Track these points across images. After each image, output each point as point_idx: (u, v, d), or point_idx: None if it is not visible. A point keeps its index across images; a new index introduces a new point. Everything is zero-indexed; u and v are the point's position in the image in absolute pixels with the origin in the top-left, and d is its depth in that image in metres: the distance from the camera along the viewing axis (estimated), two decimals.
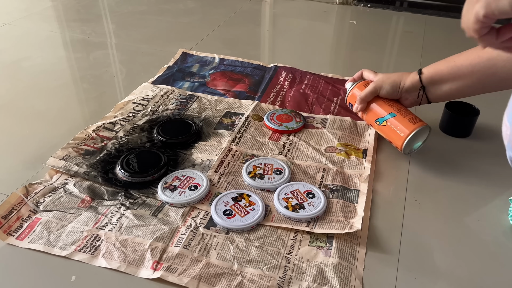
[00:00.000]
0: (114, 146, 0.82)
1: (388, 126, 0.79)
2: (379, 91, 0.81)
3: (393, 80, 0.79)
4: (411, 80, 0.78)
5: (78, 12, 1.51)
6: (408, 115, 0.79)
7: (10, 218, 0.66)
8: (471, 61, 0.71)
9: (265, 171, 0.76)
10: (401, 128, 0.78)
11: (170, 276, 0.58)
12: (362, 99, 0.82)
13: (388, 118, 0.79)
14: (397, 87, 0.79)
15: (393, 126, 0.79)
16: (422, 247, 0.65)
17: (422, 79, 0.77)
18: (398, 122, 0.78)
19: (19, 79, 1.08)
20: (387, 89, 0.80)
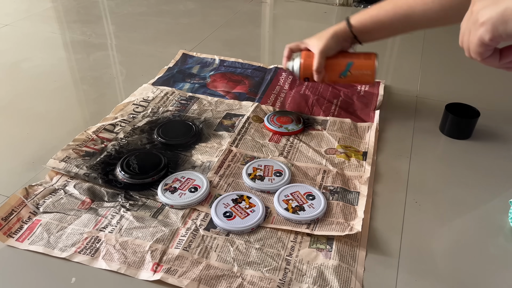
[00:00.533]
0: (114, 148, 0.82)
1: (353, 74, 0.85)
2: (327, 52, 0.84)
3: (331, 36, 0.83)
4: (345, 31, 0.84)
5: (78, 13, 1.51)
6: (360, 56, 0.86)
7: (10, 219, 0.66)
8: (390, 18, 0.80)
9: (265, 172, 0.76)
10: (365, 68, 0.85)
11: (170, 278, 0.58)
12: (318, 69, 0.85)
13: (349, 68, 0.85)
14: (337, 40, 0.84)
15: (358, 71, 0.85)
16: (422, 249, 0.65)
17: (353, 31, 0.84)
18: (359, 65, 0.85)
19: (19, 80, 1.08)
20: (332, 46, 0.84)
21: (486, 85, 1.11)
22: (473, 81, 1.12)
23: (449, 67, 1.20)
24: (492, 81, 1.13)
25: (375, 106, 0.97)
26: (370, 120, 0.93)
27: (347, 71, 0.85)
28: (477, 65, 1.26)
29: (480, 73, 1.16)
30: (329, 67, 0.86)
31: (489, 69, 1.05)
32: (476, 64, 1.26)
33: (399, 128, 0.92)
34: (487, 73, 1.17)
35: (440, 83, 1.11)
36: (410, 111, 0.98)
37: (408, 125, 0.93)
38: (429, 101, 1.02)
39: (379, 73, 1.15)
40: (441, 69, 1.19)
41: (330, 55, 0.85)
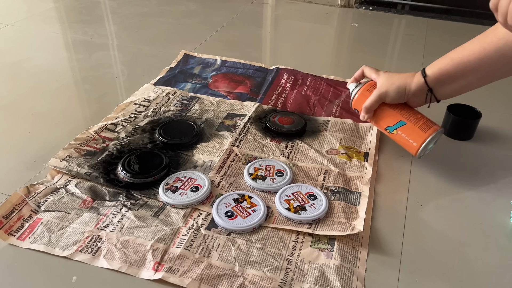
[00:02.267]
0: (115, 147, 0.82)
1: (399, 135, 0.77)
2: (384, 99, 0.76)
3: (397, 86, 0.74)
4: (416, 84, 0.73)
5: (80, 13, 1.51)
6: (418, 122, 0.75)
7: (11, 218, 0.66)
8: (478, 55, 0.67)
9: (266, 172, 0.76)
10: (413, 137, 0.75)
11: (171, 277, 0.58)
12: (367, 109, 0.78)
13: (398, 126, 0.76)
14: (403, 92, 0.75)
15: (404, 135, 0.76)
16: (424, 249, 0.65)
17: (427, 81, 0.72)
18: (409, 131, 0.75)
19: (21, 80, 1.08)
20: (392, 96, 0.75)
21: (488, 86, 1.10)
22: None
23: None
24: (494, 82, 1.12)
25: None
26: None
27: (394, 128, 0.77)
28: None
29: None
30: (381, 114, 0.78)
31: None
32: None
33: None
34: None
35: None
36: None
37: None
38: None
39: None
40: None
41: (388, 101, 0.76)
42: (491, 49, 0.65)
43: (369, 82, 0.80)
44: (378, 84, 0.77)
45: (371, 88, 0.79)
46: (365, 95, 0.79)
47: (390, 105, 0.77)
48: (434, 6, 1.62)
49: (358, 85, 0.81)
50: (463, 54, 0.69)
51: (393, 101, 0.76)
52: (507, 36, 0.62)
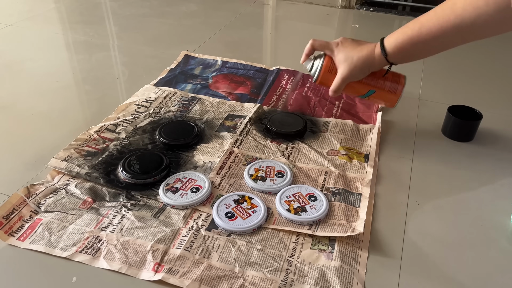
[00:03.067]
0: (116, 148, 0.82)
1: (373, 99, 0.81)
2: (349, 80, 0.76)
3: (360, 68, 0.75)
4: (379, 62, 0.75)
5: (81, 14, 1.51)
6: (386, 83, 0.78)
7: (11, 218, 0.66)
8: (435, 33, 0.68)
9: (267, 173, 0.76)
10: (386, 99, 0.79)
11: (171, 278, 0.58)
12: (335, 91, 0.77)
13: (369, 95, 0.79)
14: (367, 71, 0.76)
15: (377, 99, 0.80)
16: (424, 251, 0.65)
17: (388, 59, 0.74)
18: (380, 96, 0.79)
19: (21, 80, 1.09)
20: (357, 77, 0.76)
21: (489, 87, 1.10)
22: (476, 83, 1.12)
23: (451, 70, 1.20)
24: (495, 83, 1.13)
25: (377, 108, 0.97)
26: (372, 122, 0.93)
27: (366, 96, 0.80)
28: (480, 67, 1.26)
29: (483, 75, 1.16)
30: (349, 87, 0.79)
31: (492, 71, 1.05)
32: (478, 66, 1.26)
33: (401, 130, 0.92)
34: (490, 75, 1.17)
35: (443, 86, 1.11)
36: (413, 113, 0.98)
37: (410, 127, 0.93)
38: (431, 104, 1.02)
39: None
40: (443, 71, 1.19)
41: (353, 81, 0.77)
42: (449, 26, 0.66)
43: (326, 60, 0.78)
44: (337, 64, 0.76)
45: (332, 66, 0.77)
46: (329, 76, 0.78)
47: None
48: (434, 7, 1.62)
49: (315, 61, 0.80)
50: (421, 32, 0.69)
51: (358, 79, 0.77)
52: (464, 13, 0.63)
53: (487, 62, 1.24)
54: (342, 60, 0.76)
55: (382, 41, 0.75)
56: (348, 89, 0.79)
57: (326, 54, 0.79)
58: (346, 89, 0.79)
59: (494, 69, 1.20)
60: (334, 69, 0.77)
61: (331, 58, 0.78)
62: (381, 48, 0.74)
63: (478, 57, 1.26)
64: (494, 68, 1.21)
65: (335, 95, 0.78)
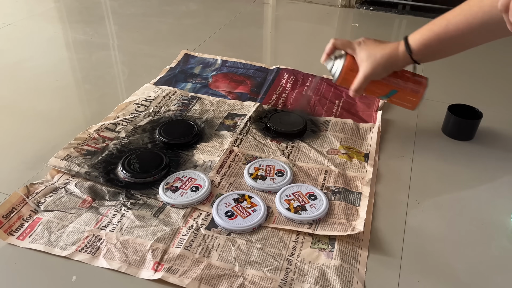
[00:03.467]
0: (115, 147, 0.82)
1: (394, 101, 0.80)
2: (371, 78, 0.75)
3: (384, 66, 0.74)
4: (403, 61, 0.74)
5: (81, 13, 1.51)
6: (407, 85, 0.77)
7: (11, 217, 0.66)
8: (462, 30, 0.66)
9: (267, 172, 0.76)
10: (407, 101, 0.78)
11: (171, 277, 0.58)
12: (357, 90, 0.76)
13: (391, 95, 0.78)
14: (390, 69, 0.75)
15: (399, 100, 0.79)
16: (424, 249, 0.64)
17: (413, 57, 0.73)
18: (402, 96, 0.78)
19: (21, 79, 1.08)
20: (380, 75, 0.75)
21: (489, 86, 1.10)
22: (476, 82, 1.12)
23: (452, 68, 1.19)
24: (495, 82, 1.12)
25: (377, 107, 0.97)
26: (372, 121, 0.93)
27: (388, 97, 0.79)
28: (480, 66, 1.25)
29: (483, 74, 1.16)
30: (370, 87, 0.77)
31: (492, 70, 1.05)
32: (479, 65, 1.26)
33: (401, 129, 0.92)
34: (490, 74, 1.17)
35: (443, 84, 1.10)
36: (413, 112, 0.97)
37: (410, 126, 0.93)
38: (431, 102, 1.01)
39: None
40: (443, 70, 1.19)
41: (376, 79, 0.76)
42: (477, 23, 0.64)
43: (348, 59, 0.77)
44: (360, 65, 0.75)
45: (354, 65, 0.76)
46: (350, 75, 0.77)
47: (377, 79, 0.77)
48: (435, 6, 1.62)
49: (336, 60, 0.78)
50: (448, 29, 0.68)
51: (381, 78, 0.76)
52: (492, 10, 0.61)
53: (488, 61, 1.24)
54: (365, 58, 0.74)
55: (406, 39, 0.73)
56: (369, 89, 0.77)
57: (348, 53, 0.77)
58: (368, 89, 0.77)
59: (494, 68, 1.20)
60: (356, 68, 0.76)
61: (353, 57, 0.77)
62: (405, 45, 0.73)
63: (478, 56, 1.26)
64: (494, 67, 1.21)
65: (357, 95, 0.77)
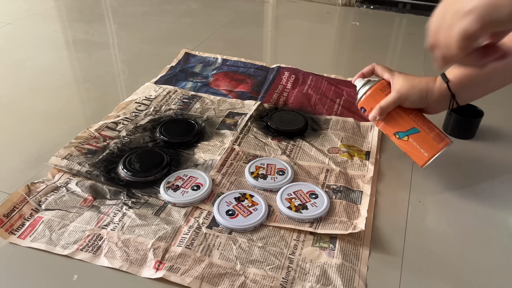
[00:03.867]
0: (116, 146, 0.82)
1: (410, 143, 0.72)
2: (403, 102, 0.71)
3: (419, 90, 0.69)
4: (439, 90, 0.69)
5: (81, 12, 1.51)
6: (432, 132, 0.71)
7: (12, 216, 0.66)
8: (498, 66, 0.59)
9: (268, 171, 0.76)
10: (425, 147, 0.71)
11: (172, 276, 0.58)
12: (382, 110, 0.71)
13: (410, 134, 0.71)
14: (424, 97, 0.70)
15: (416, 143, 0.71)
16: (426, 248, 0.64)
17: (450, 87, 0.68)
18: (422, 140, 0.71)
19: (21, 78, 1.08)
20: (413, 100, 0.70)
21: None
22: None
23: None
24: None
25: None
26: None
27: (406, 135, 0.72)
28: None
29: None
30: (391, 116, 0.72)
31: None
32: None
33: None
34: None
35: None
36: None
37: None
38: None
39: None
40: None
41: (406, 106, 0.71)
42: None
43: (381, 81, 0.74)
44: (394, 85, 0.71)
45: (385, 88, 0.73)
46: (379, 94, 0.73)
47: (405, 110, 0.72)
48: (435, 4, 1.61)
49: (368, 83, 0.76)
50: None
51: (412, 106, 0.71)
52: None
53: None
54: (401, 80, 0.71)
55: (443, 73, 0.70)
56: (391, 117, 0.72)
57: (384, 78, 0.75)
58: (391, 115, 0.72)
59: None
60: (388, 90, 0.73)
61: (387, 81, 0.74)
62: (442, 76, 0.69)
63: None
64: None
65: (380, 114, 0.72)
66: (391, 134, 0.75)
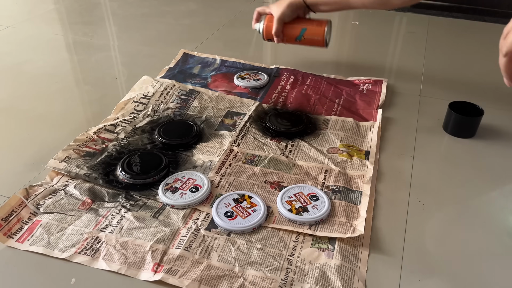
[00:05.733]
0: (115, 148, 0.81)
1: (307, 38, 1.00)
2: (284, 19, 0.98)
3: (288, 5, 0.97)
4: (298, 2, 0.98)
5: (81, 14, 1.51)
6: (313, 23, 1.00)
7: (10, 220, 0.66)
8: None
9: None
10: (316, 34, 0.99)
11: (171, 278, 0.58)
12: (276, 32, 1.00)
13: (303, 32, 0.99)
14: (294, 9, 0.98)
15: (310, 36, 1.00)
16: (425, 248, 0.64)
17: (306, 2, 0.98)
18: (311, 31, 0.99)
19: (21, 81, 1.08)
20: (288, 14, 0.98)
21: (490, 83, 1.10)
22: (477, 79, 1.12)
23: (452, 65, 1.19)
24: (496, 79, 1.11)
25: (377, 105, 0.97)
26: (373, 119, 0.92)
27: (301, 36, 0.99)
28: (481, 63, 1.25)
29: (484, 71, 1.15)
30: (287, 32, 1.00)
31: (493, 66, 1.05)
32: (479, 63, 1.25)
33: (402, 127, 0.91)
34: (491, 71, 1.16)
35: (444, 82, 1.10)
36: (413, 109, 0.97)
37: (411, 124, 0.92)
38: (432, 100, 1.01)
39: (383, 72, 1.14)
40: (444, 67, 1.18)
41: (287, 21, 0.99)
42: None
43: (267, 16, 1.02)
44: (273, 13, 0.99)
45: (271, 19, 1.00)
46: (269, 25, 1.00)
47: (290, 23, 1.00)
48: (435, 3, 1.61)
49: (261, 21, 1.03)
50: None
51: (290, 18, 0.99)
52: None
53: (488, 57, 1.23)
54: (275, 8, 0.99)
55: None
56: (286, 33, 1.00)
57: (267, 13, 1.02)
58: (285, 33, 1.00)
59: (495, 65, 1.19)
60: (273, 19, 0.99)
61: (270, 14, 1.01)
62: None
63: (479, 52, 1.25)
64: (495, 63, 1.20)
65: (278, 36, 1.00)
66: (294, 42, 1.02)
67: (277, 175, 0.76)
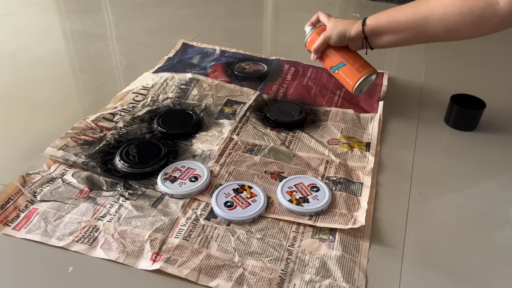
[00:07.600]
0: (113, 137, 0.80)
1: (340, 75, 0.87)
2: (328, 41, 0.85)
3: (339, 31, 0.84)
4: (355, 31, 0.82)
5: (78, 3, 1.49)
6: (355, 64, 0.85)
7: (7, 208, 0.65)
8: (407, 18, 0.76)
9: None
10: (350, 77, 0.86)
11: (169, 267, 0.57)
12: (315, 50, 0.88)
13: (339, 67, 0.86)
14: (344, 37, 0.84)
15: (344, 75, 0.86)
16: (426, 240, 0.64)
17: (364, 30, 0.81)
18: (347, 71, 0.86)
19: (18, 69, 1.07)
20: (335, 39, 0.84)
21: (492, 76, 1.09)
22: (479, 72, 1.11)
23: (454, 58, 1.18)
24: (498, 71, 1.11)
25: (378, 97, 0.96)
26: (374, 111, 0.91)
27: (337, 68, 0.87)
28: (483, 55, 1.24)
29: (486, 63, 1.15)
30: (326, 55, 0.88)
31: (495, 59, 1.04)
32: (481, 55, 1.24)
33: (404, 119, 0.90)
34: (493, 63, 1.15)
35: (445, 74, 1.09)
36: (415, 102, 0.97)
37: (412, 116, 0.91)
38: (433, 92, 1.00)
39: (383, 66, 1.13)
40: (446, 59, 1.17)
41: (332, 44, 0.85)
42: (419, 15, 0.75)
43: (321, 26, 0.89)
44: (327, 27, 0.86)
45: (321, 31, 0.87)
46: (315, 38, 0.88)
47: (334, 48, 0.87)
48: None
49: (312, 28, 0.90)
50: (398, 14, 0.78)
51: (335, 44, 0.86)
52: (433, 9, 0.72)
53: (490, 50, 1.22)
54: (330, 25, 0.86)
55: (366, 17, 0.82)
56: (325, 54, 0.88)
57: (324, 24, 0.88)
58: (324, 54, 0.88)
59: (497, 57, 1.19)
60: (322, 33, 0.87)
61: (325, 26, 0.87)
62: (363, 20, 0.82)
63: (481, 45, 1.24)
64: (497, 56, 1.20)
65: (315, 54, 0.88)
66: (328, 69, 0.90)
67: (277, 165, 0.75)
